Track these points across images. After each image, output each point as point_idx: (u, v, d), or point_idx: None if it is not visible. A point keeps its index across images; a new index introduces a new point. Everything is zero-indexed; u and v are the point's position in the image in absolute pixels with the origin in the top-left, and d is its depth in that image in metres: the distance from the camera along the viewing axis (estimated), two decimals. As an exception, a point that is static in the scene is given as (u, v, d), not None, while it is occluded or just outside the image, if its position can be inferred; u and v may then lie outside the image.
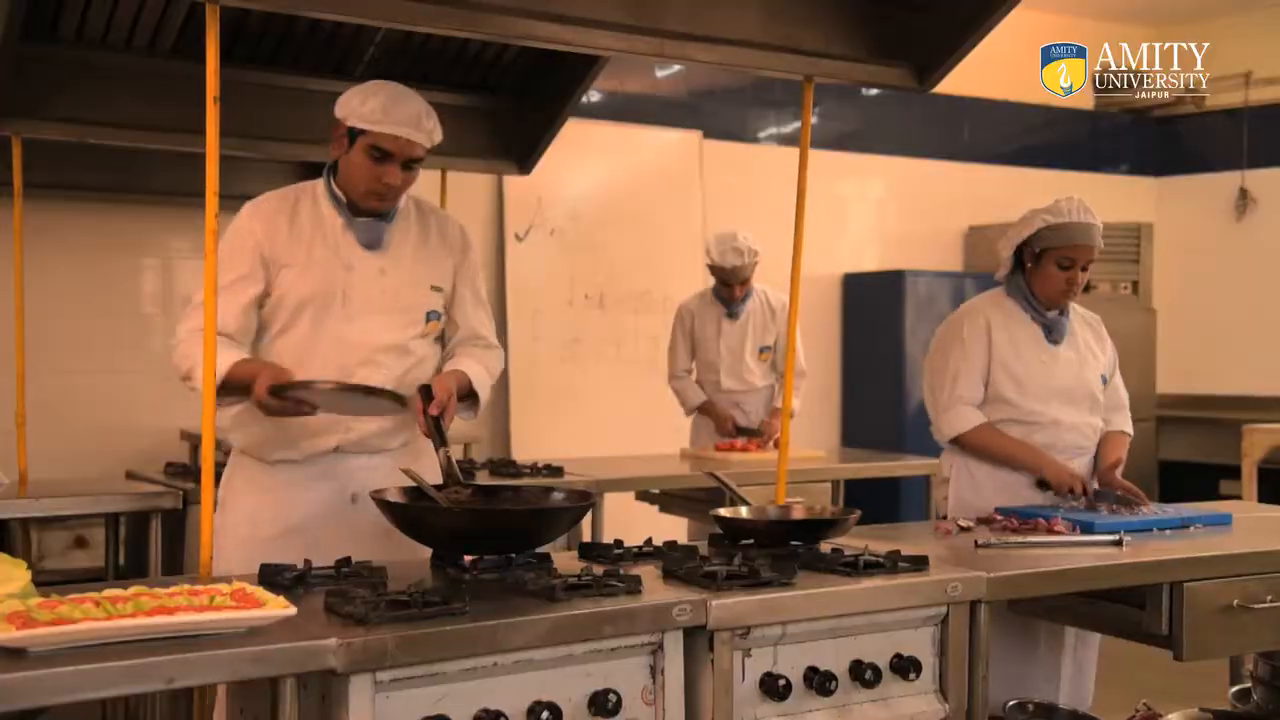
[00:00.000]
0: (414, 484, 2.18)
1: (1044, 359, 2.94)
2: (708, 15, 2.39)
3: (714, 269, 4.66)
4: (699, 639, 1.84)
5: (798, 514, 2.37)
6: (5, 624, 1.46)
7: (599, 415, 6.07)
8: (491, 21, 2.20)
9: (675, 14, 2.36)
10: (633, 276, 6.32)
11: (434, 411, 2.29)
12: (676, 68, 6.45)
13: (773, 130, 6.88)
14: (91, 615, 1.49)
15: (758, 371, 4.76)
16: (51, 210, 4.67)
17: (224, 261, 2.29)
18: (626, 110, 6.29)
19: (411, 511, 2.11)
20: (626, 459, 4.60)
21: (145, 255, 5.39)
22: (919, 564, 2.07)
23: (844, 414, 7.00)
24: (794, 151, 7.40)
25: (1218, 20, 7.46)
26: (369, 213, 2.38)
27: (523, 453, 5.54)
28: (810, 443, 5.13)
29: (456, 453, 2.36)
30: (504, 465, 3.95)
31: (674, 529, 4.38)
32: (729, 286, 4.63)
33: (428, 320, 2.45)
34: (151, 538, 3.11)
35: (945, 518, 2.98)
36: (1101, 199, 4.20)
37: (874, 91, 6.87)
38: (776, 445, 4.55)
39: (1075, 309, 3.07)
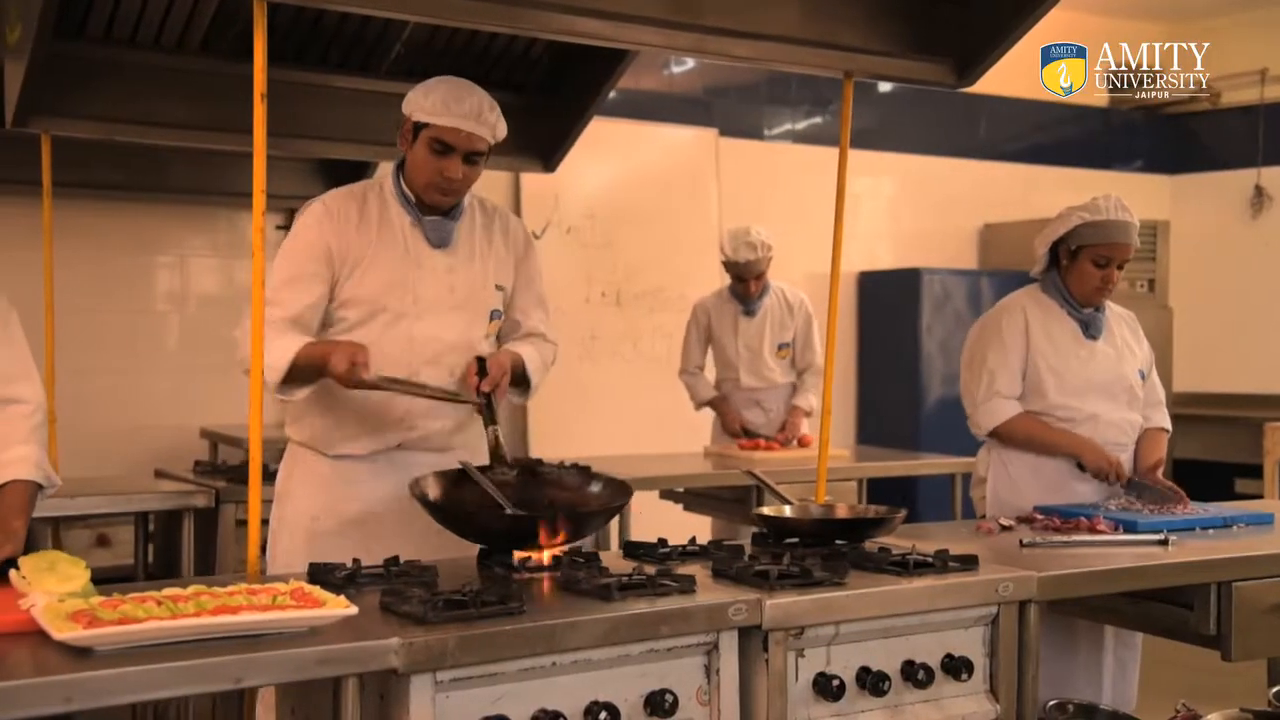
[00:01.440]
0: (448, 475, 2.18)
1: (1081, 354, 2.93)
2: (747, 11, 2.38)
3: (728, 264, 4.64)
4: (753, 639, 1.83)
5: (842, 513, 2.36)
6: (70, 623, 1.45)
7: (615, 413, 6.06)
8: (533, 17, 2.19)
9: (714, 9, 2.35)
10: (649, 274, 6.32)
11: (486, 388, 2.29)
12: (691, 65, 6.43)
13: (788, 128, 6.87)
14: (156, 614, 1.48)
15: (777, 369, 4.74)
16: (68, 208, 4.67)
17: (292, 257, 2.32)
18: (642, 108, 6.28)
19: (457, 511, 2.10)
20: (651, 457, 4.59)
21: (162, 253, 5.38)
22: (968, 563, 2.06)
23: (859, 412, 6.98)
24: (809, 149, 7.38)
25: (1232, 17, 7.45)
26: (435, 210, 2.38)
27: (539, 450, 5.53)
28: (819, 440, 5.10)
29: (397, 437, 2.36)
30: (534, 463, 3.93)
31: (695, 527, 4.37)
32: (744, 282, 4.61)
33: (491, 319, 2.45)
34: (184, 536, 3.10)
35: (983, 516, 2.97)
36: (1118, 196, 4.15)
37: (888, 88, 6.85)
38: (800, 443, 4.58)
39: (1111, 306, 3.06)
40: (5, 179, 4.41)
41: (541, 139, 4.08)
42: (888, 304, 6.90)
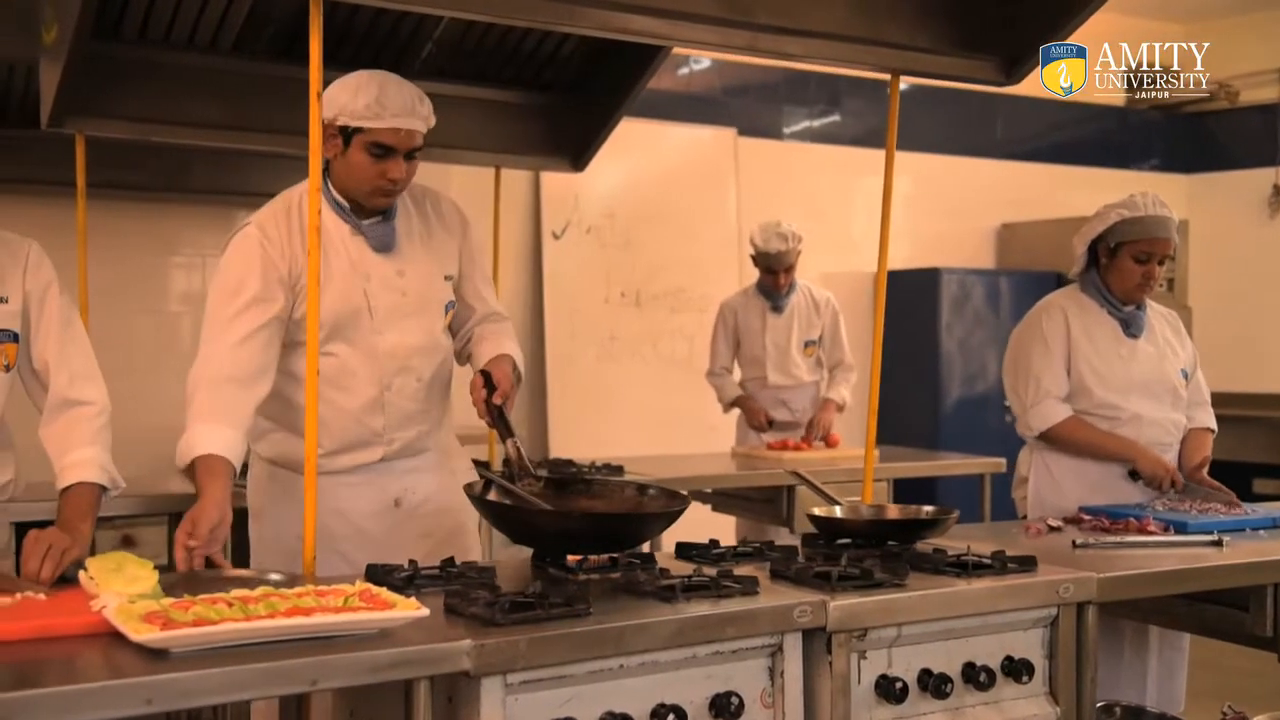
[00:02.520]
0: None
1: (1122, 353, 2.92)
2: (797, 9, 2.36)
3: (758, 256, 4.63)
4: (816, 641, 1.82)
5: (894, 514, 2.34)
6: (145, 624, 1.44)
7: (635, 413, 6.06)
8: (588, 15, 2.17)
9: (765, 7, 2.33)
10: (668, 274, 6.31)
11: (499, 401, 2.24)
12: (708, 64, 6.42)
13: (807, 127, 6.86)
14: (230, 616, 1.47)
15: (804, 366, 4.74)
16: (90, 208, 4.68)
17: (233, 285, 2.18)
18: (661, 108, 6.28)
19: (518, 515, 2.09)
20: (679, 458, 4.58)
21: (182, 254, 5.38)
22: (1027, 564, 2.05)
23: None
24: (827, 149, 7.35)
25: (1250, 16, 7.42)
26: (370, 213, 2.29)
27: (559, 450, 5.52)
28: (846, 440, 5.09)
29: (377, 452, 2.33)
30: (563, 465, 3.93)
31: (718, 528, 4.36)
32: (773, 274, 4.60)
33: (446, 311, 2.40)
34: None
35: (1024, 517, 2.96)
36: None
37: (904, 86, 6.83)
38: (826, 442, 4.57)
39: (1152, 305, 3.05)
40: (31, 179, 4.41)
41: (570, 139, 4.07)
42: (907, 304, 6.87)
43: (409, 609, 1.57)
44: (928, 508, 2.30)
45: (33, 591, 1.68)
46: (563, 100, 3.98)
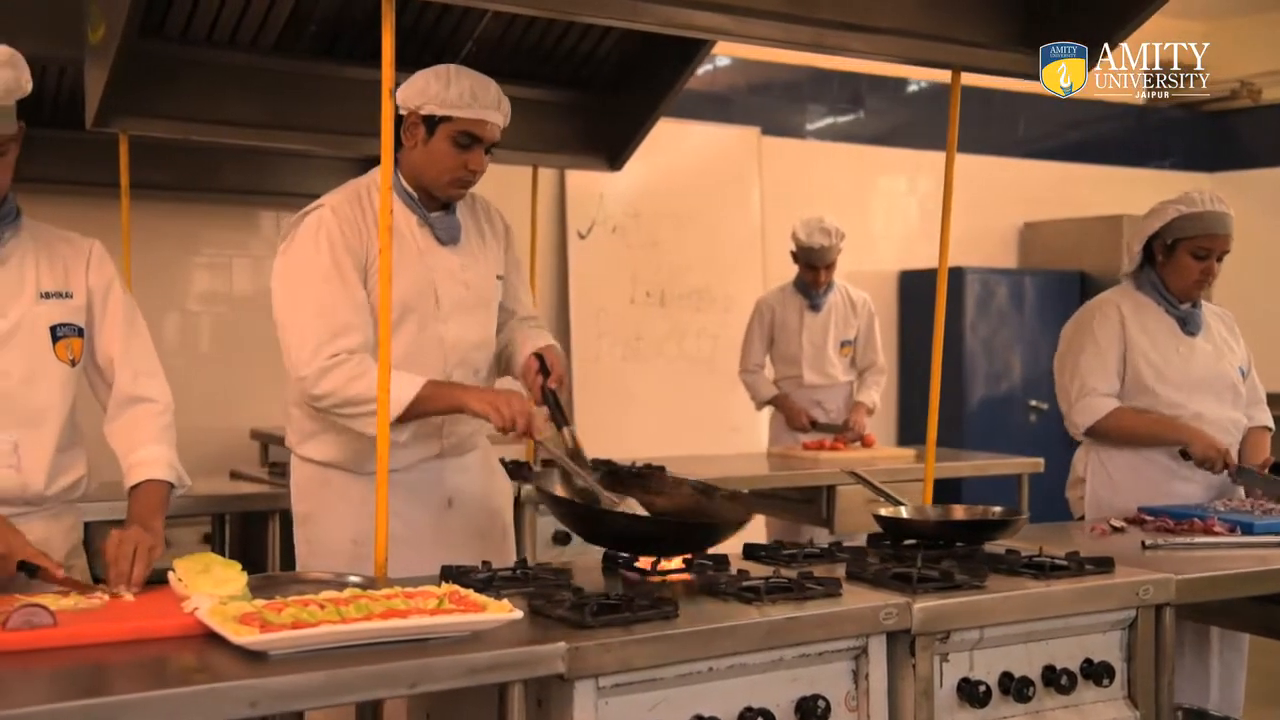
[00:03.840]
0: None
1: (1181, 350, 2.90)
2: (860, 4, 2.35)
3: (800, 251, 4.61)
4: (899, 643, 1.81)
5: (959, 514, 2.32)
6: (242, 626, 1.43)
7: (660, 413, 6.04)
8: (653, 11, 2.16)
9: (830, 3, 2.32)
10: (692, 274, 6.30)
11: (554, 385, 2.24)
12: (730, 62, 6.40)
13: (831, 127, 6.84)
14: (326, 618, 1.45)
15: (839, 366, 4.72)
16: (115, 208, 4.68)
17: (323, 262, 2.18)
18: (685, 106, 6.25)
19: (593, 515, 2.07)
20: (715, 458, 4.56)
21: (199, 253, 5.36)
22: (1104, 566, 2.03)
23: (900, 411, 6.95)
24: (851, 148, 7.32)
25: (1272, 14, 7.39)
26: (435, 205, 2.31)
27: (586, 450, 5.50)
28: (878, 440, 5.07)
29: (434, 448, 2.31)
30: (601, 464, 3.91)
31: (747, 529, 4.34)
32: (814, 270, 4.58)
33: (497, 311, 2.42)
34: (270, 538, 3.08)
35: (1080, 517, 2.94)
36: (1155, 195, 4.03)
37: (922, 84, 6.82)
38: (863, 443, 4.55)
39: (1206, 304, 3.02)
40: (65, 179, 4.40)
41: (608, 138, 4.05)
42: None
43: (501, 611, 1.55)
44: (996, 508, 2.28)
45: (120, 591, 1.67)
46: (600, 99, 3.97)
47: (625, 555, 2.06)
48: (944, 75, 2.65)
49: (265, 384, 5.10)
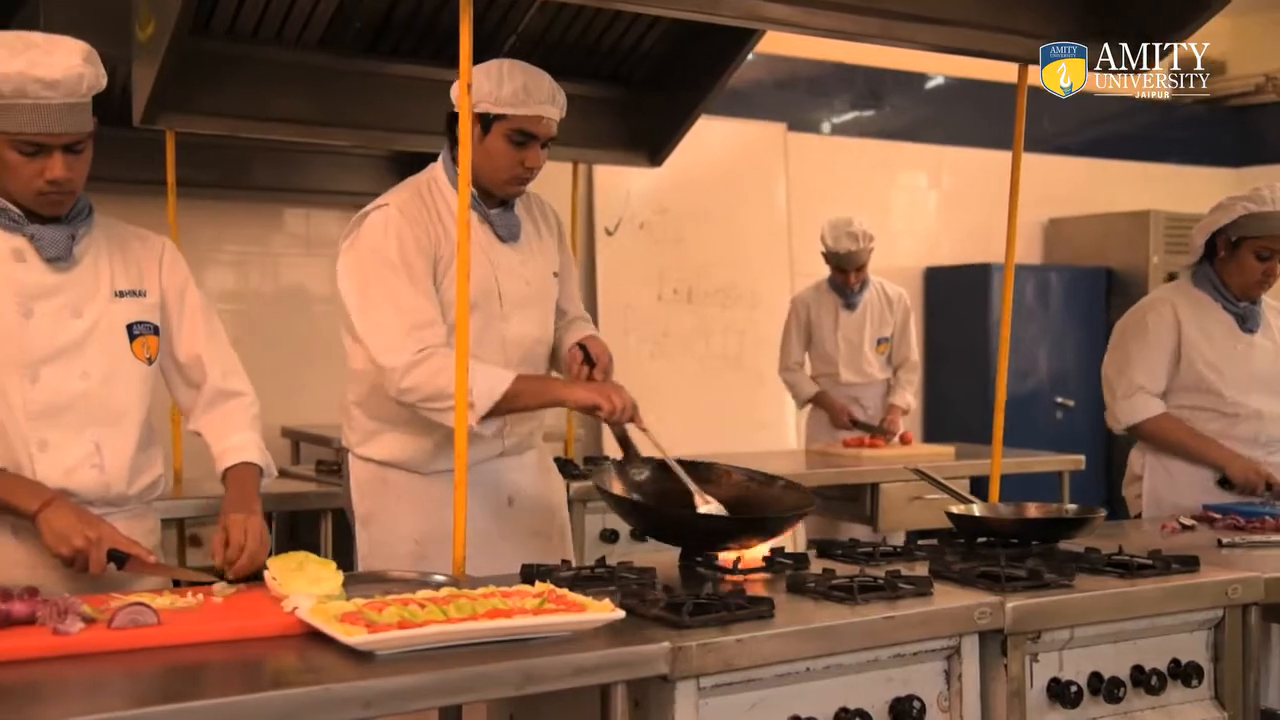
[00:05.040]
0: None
1: (1240, 347, 2.87)
2: (927, -4, 2.33)
3: (829, 256, 4.59)
4: (990, 643, 1.78)
5: (1033, 512, 2.30)
6: (345, 625, 1.41)
7: (688, 411, 6.01)
8: (730, 4, 2.15)
9: (898, -6, 2.30)
10: (719, 271, 6.27)
11: (600, 377, 2.24)
12: (751, 57, 6.38)
13: (856, 122, 6.81)
14: (431, 617, 1.43)
15: (876, 363, 4.69)
16: (148, 205, 4.65)
17: (395, 259, 2.16)
18: (710, 102, 6.25)
19: (668, 516, 2.06)
20: (751, 455, 4.53)
21: (222, 251, 5.34)
22: (1189, 565, 2.01)
23: (926, 408, 6.92)
24: (876, 144, 7.27)
25: (1298, 6, 7.34)
26: (494, 201, 2.29)
27: (613, 448, 5.49)
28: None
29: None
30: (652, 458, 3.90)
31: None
32: (844, 274, 4.56)
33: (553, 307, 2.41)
34: (322, 536, 3.06)
35: (1138, 515, 2.92)
36: (1180, 191, 4.06)
37: (943, 80, 6.80)
38: (902, 440, 4.53)
39: (1265, 299, 2.99)
40: (105, 177, 4.38)
41: (649, 133, 4.05)
42: (956, 299, 6.84)
43: (603, 611, 1.53)
44: (1070, 506, 2.26)
45: (224, 579, 1.67)
46: (641, 95, 3.95)
47: (704, 553, 2.04)
48: (966, 70, 2.62)
49: (294, 382, 5.09)
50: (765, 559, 2.00)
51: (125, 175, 4.23)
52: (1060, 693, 1.81)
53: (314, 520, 3.11)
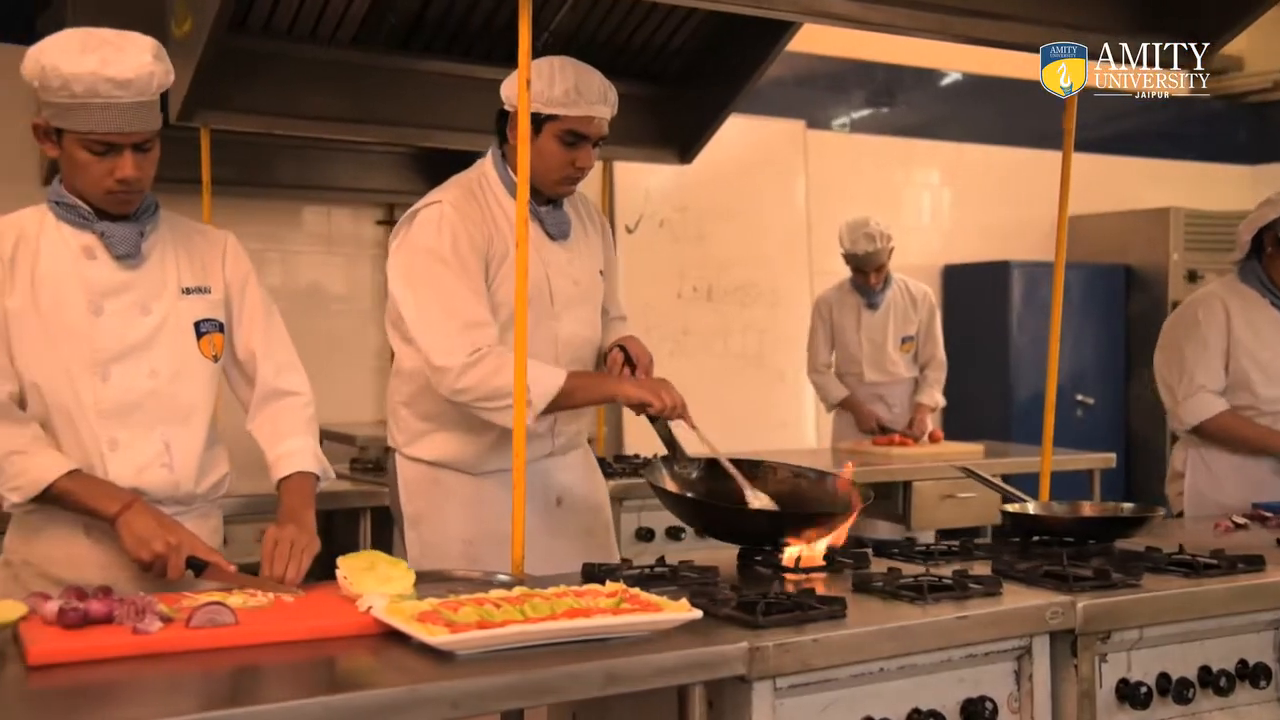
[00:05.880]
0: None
1: None
2: (985, -11, 2.32)
3: (848, 257, 4.57)
4: (1059, 643, 1.77)
5: (1088, 511, 2.28)
6: (423, 625, 1.39)
7: (707, 409, 5.95)
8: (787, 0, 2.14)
9: (954, -12, 2.28)
10: (739, 269, 6.25)
11: (642, 375, 2.24)
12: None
13: (875, 119, 6.79)
14: (509, 617, 1.42)
15: (900, 362, 4.67)
16: (170, 203, 4.63)
17: (448, 256, 2.15)
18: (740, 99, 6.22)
19: (730, 513, 2.04)
20: (780, 453, 4.52)
21: (252, 248, 5.31)
22: (1255, 564, 1.99)
23: (946, 406, 6.90)
24: (896, 141, 7.25)
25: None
26: (543, 199, 2.27)
27: (636, 448, 5.48)
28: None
29: (546, 447, 2.27)
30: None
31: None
32: (864, 274, 4.54)
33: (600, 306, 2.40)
34: (361, 535, 3.04)
35: (1180, 514, 2.90)
36: (1198, 187, 4.02)
37: (959, 76, 6.78)
38: (930, 439, 4.50)
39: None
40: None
41: (679, 131, 4.04)
42: (976, 297, 6.82)
43: (680, 611, 1.51)
44: (1127, 504, 2.24)
45: (283, 592, 1.65)
46: (671, 92, 3.94)
47: (763, 551, 2.02)
48: (980, 67, 2.59)
49: (313, 380, 5.08)
50: (826, 557, 1.99)
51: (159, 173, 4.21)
52: (1130, 694, 1.80)
53: (351, 519, 3.09)
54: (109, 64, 1.69)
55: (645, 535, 3.41)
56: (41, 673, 1.32)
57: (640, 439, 5.71)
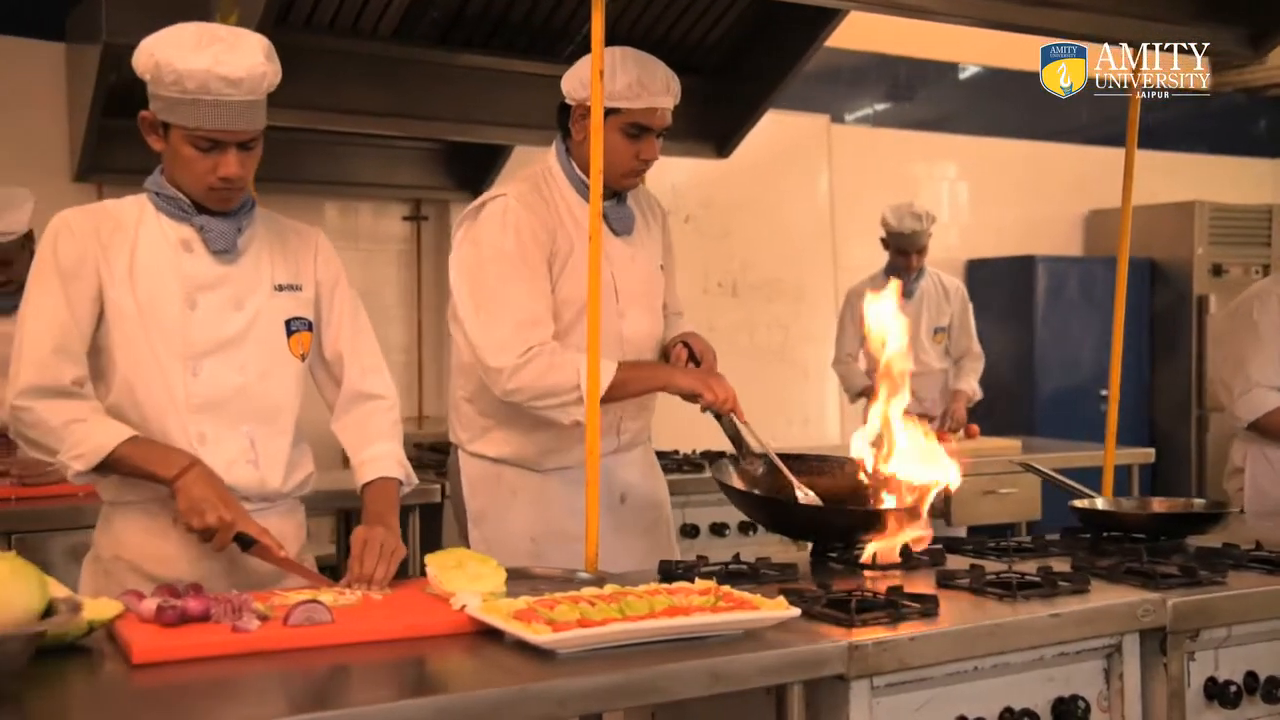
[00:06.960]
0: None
1: None
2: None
3: (891, 236, 4.54)
4: (1148, 642, 1.74)
5: (1159, 507, 2.26)
6: (524, 623, 1.37)
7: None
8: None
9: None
10: (764, 264, 6.23)
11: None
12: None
13: (898, 113, 6.76)
14: (609, 615, 1.40)
15: (933, 353, 4.65)
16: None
17: (511, 252, 2.13)
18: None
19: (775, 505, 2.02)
20: (813, 450, 4.50)
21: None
22: (1337, 560, 1.96)
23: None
24: (919, 135, 7.22)
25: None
26: (607, 194, 2.21)
27: (663, 443, 5.46)
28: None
29: (612, 444, 2.28)
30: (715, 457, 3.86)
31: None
32: (906, 255, 4.51)
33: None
34: (410, 532, 3.02)
35: (1240, 510, 2.88)
36: (1220, 181, 3.98)
37: (975, 70, 6.75)
38: (967, 433, 4.48)
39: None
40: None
41: (716, 125, 4.02)
42: (1000, 292, 6.78)
43: (779, 609, 1.49)
44: (1198, 500, 2.22)
45: (367, 590, 1.63)
46: (709, 86, 3.91)
47: (836, 547, 2.01)
48: (1006, 62, 2.57)
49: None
50: (902, 554, 1.96)
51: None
52: (1219, 693, 1.77)
53: (402, 516, 3.06)
54: (222, 62, 1.67)
55: (690, 532, 3.39)
56: (145, 671, 1.31)
57: (679, 435, 5.70)
